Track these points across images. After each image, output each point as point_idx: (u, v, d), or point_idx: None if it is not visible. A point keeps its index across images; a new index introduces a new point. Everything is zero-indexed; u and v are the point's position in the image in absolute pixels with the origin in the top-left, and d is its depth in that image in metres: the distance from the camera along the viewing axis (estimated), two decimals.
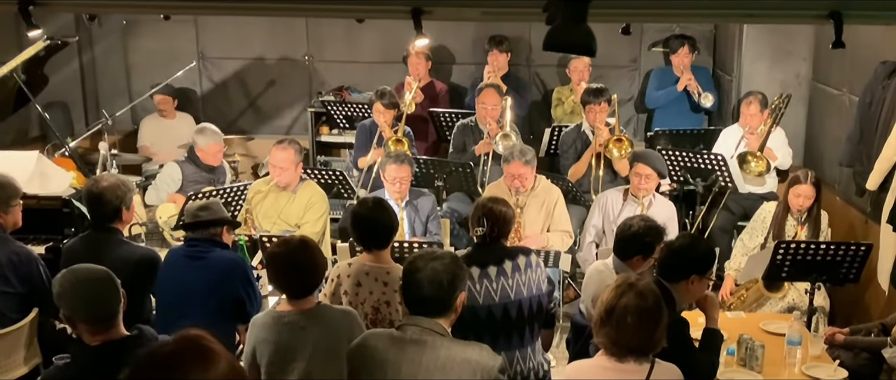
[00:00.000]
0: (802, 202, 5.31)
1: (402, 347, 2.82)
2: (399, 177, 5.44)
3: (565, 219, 5.63)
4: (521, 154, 5.41)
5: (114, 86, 8.41)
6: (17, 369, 4.32)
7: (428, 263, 2.84)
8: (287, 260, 3.35)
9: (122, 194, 4.36)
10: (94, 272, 2.96)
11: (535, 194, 5.53)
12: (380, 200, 4.08)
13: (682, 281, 3.62)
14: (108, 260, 4.01)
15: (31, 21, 3.84)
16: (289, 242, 3.44)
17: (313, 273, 3.38)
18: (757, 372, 3.95)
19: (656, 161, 5.64)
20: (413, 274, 2.85)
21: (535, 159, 5.49)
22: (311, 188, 5.71)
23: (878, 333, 4.52)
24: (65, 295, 2.92)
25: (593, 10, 2.93)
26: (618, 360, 2.96)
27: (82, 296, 2.90)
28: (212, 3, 4.87)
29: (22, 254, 4.38)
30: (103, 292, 2.91)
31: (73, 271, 2.96)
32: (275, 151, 5.57)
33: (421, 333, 2.82)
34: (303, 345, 3.32)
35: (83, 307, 2.90)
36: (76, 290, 2.91)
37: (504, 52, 7.39)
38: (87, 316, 2.90)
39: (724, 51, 7.65)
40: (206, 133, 6.33)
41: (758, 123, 6.30)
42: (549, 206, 5.57)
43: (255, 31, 8.22)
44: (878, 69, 5.23)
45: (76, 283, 2.92)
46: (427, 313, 2.85)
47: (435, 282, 2.82)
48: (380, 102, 6.51)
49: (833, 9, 3.47)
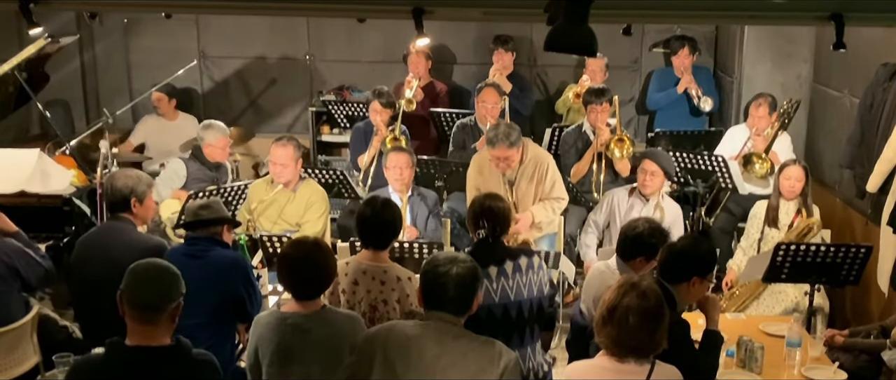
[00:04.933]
0: (793, 184, 5.46)
1: (425, 335, 2.93)
2: (398, 164, 5.47)
3: (559, 185, 5.54)
4: (505, 137, 5.27)
5: (115, 84, 8.41)
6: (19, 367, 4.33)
7: (451, 265, 2.95)
8: (301, 259, 3.34)
9: (132, 185, 4.39)
10: (162, 266, 2.97)
11: (524, 167, 5.45)
12: (388, 201, 4.06)
13: (683, 283, 3.62)
14: (117, 247, 4.06)
15: (31, 19, 3.84)
16: (303, 243, 3.43)
17: (325, 275, 3.37)
18: (756, 374, 3.95)
19: (665, 161, 5.66)
20: (438, 276, 2.95)
21: (520, 138, 5.35)
22: (311, 187, 5.72)
23: (878, 335, 4.52)
24: (130, 274, 2.91)
25: (594, 10, 2.93)
26: (618, 360, 2.97)
27: (143, 280, 2.89)
28: (213, 2, 4.88)
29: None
30: (162, 285, 2.89)
31: (148, 261, 2.99)
32: (275, 149, 5.58)
33: (443, 325, 2.94)
34: (305, 347, 3.30)
35: (137, 290, 2.87)
36: (140, 274, 2.91)
37: (509, 51, 7.40)
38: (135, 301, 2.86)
39: (726, 52, 7.65)
40: (213, 128, 6.34)
41: (765, 124, 6.32)
42: (541, 174, 5.47)
43: (257, 30, 8.22)
44: (879, 71, 5.23)
45: (144, 267, 2.94)
46: (452, 311, 2.96)
47: (461, 284, 2.94)
48: (377, 100, 6.52)
49: (834, 10, 3.48)
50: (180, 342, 2.94)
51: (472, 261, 3.02)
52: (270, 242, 5.01)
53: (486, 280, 3.63)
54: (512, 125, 5.42)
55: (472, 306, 3.01)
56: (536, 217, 5.43)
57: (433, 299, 2.99)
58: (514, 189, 5.42)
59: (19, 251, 4.44)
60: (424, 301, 3.02)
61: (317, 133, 7.97)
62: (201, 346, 3.40)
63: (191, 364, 2.95)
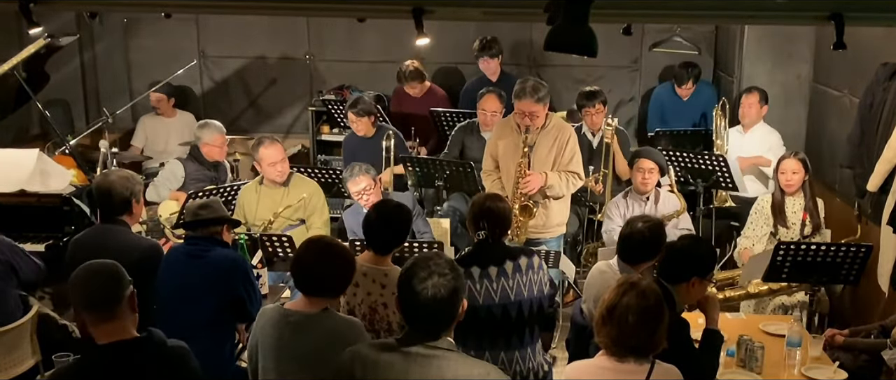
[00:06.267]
0: (789, 178, 5.47)
1: (407, 360, 2.64)
2: (357, 190, 5.43)
3: (577, 160, 5.35)
4: (533, 91, 5.12)
5: (114, 84, 8.41)
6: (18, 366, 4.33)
7: (427, 278, 2.61)
8: (318, 254, 3.26)
9: (131, 186, 4.39)
10: (101, 263, 2.96)
11: (546, 132, 5.29)
12: (399, 206, 4.01)
13: (683, 283, 3.62)
14: (112, 249, 4.05)
15: (31, 19, 3.84)
16: (323, 241, 3.36)
17: (335, 280, 3.29)
18: (756, 373, 3.95)
19: (656, 155, 5.71)
20: (412, 292, 2.62)
21: (548, 96, 5.24)
22: (302, 182, 5.72)
23: (878, 334, 4.52)
24: (72, 283, 2.91)
25: (594, 10, 2.93)
26: (618, 360, 2.96)
27: (87, 283, 2.89)
28: (213, 1, 4.87)
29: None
30: (109, 281, 2.89)
31: (85, 264, 2.97)
32: (265, 150, 5.55)
33: (426, 348, 2.65)
34: (301, 347, 3.25)
35: (85, 295, 2.88)
36: (82, 279, 2.91)
37: (494, 57, 7.34)
38: (88, 303, 2.87)
39: (726, 52, 7.65)
40: (209, 127, 6.34)
41: (754, 113, 6.39)
42: (561, 143, 5.31)
43: (256, 29, 8.22)
44: (879, 71, 5.22)
45: (84, 272, 2.92)
46: (429, 332, 2.66)
47: (437, 301, 2.61)
48: (351, 111, 6.51)
49: (834, 10, 3.47)
50: (152, 333, 2.93)
51: (452, 269, 2.67)
52: (270, 241, 5.02)
53: (485, 280, 3.63)
54: (540, 82, 5.28)
55: (453, 322, 2.70)
56: (549, 180, 5.23)
57: (409, 317, 2.69)
58: (532, 154, 5.24)
59: (14, 247, 4.44)
60: (403, 316, 2.72)
61: (317, 133, 7.98)
62: (201, 345, 3.41)
63: (164, 353, 2.93)
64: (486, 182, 5.53)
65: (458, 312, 2.70)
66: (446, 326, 2.68)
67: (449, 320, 2.68)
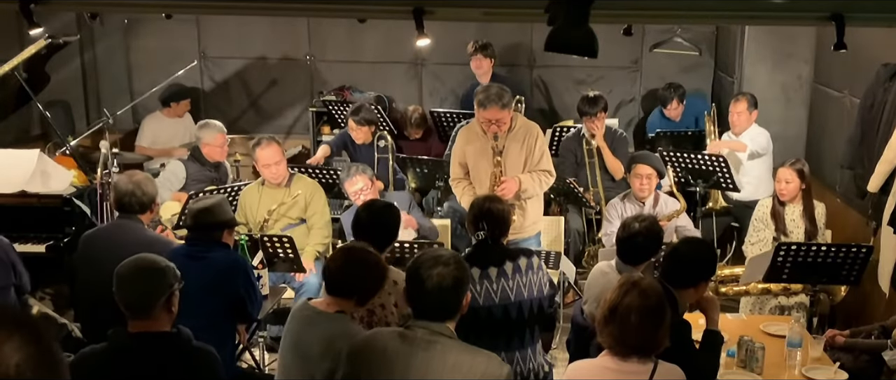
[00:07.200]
0: (783, 187, 5.42)
1: (411, 347, 2.76)
2: (353, 190, 5.45)
3: (546, 158, 5.34)
4: (498, 98, 5.07)
5: (115, 85, 8.41)
6: None
7: (433, 268, 2.77)
8: (352, 255, 3.35)
9: (154, 189, 4.54)
10: (149, 264, 3.12)
11: (513, 135, 5.25)
12: (387, 205, 4.05)
13: (689, 288, 3.63)
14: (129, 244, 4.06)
15: (32, 19, 3.84)
16: (358, 248, 3.43)
17: (369, 284, 3.34)
18: (757, 374, 3.95)
19: (653, 160, 5.71)
20: (419, 280, 2.78)
21: (512, 100, 5.23)
22: (302, 181, 5.72)
23: (879, 335, 4.52)
24: (118, 276, 3.07)
25: (594, 10, 2.93)
26: (621, 359, 2.97)
27: (130, 283, 3.06)
28: (213, 2, 4.88)
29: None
30: (149, 284, 3.05)
31: (135, 259, 3.14)
32: (262, 152, 5.55)
33: (430, 335, 2.77)
34: (303, 342, 3.29)
35: (125, 293, 3.05)
36: (126, 278, 3.07)
37: (488, 57, 7.33)
38: (126, 303, 3.04)
39: (726, 52, 7.65)
40: (210, 127, 6.34)
41: (744, 120, 6.37)
42: (530, 144, 5.30)
43: (257, 30, 8.22)
44: (880, 71, 5.23)
45: (130, 270, 3.09)
46: (434, 318, 2.80)
47: (442, 288, 2.76)
48: (352, 118, 6.50)
49: (835, 11, 3.47)
50: (181, 331, 3.08)
51: (457, 263, 2.83)
52: (271, 242, 5.01)
53: (485, 281, 3.63)
54: (503, 87, 5.25)
55: (458, 312, 2.85)
56: (523, 184, 5.22)
57: (416, 305, 2.84)
58: (502, 158, 5.22)
59: (13, 249, 4.45)
60: (410, 305, 2.88)
61: (317, 133, 7.97)
62: None
63: (191, 351, 3.08)
64: (456, 190, 5.45)
65: (462, 303, 2.85)
66: (451, 315, 2.82)
67: (454, 310, 2.83)
